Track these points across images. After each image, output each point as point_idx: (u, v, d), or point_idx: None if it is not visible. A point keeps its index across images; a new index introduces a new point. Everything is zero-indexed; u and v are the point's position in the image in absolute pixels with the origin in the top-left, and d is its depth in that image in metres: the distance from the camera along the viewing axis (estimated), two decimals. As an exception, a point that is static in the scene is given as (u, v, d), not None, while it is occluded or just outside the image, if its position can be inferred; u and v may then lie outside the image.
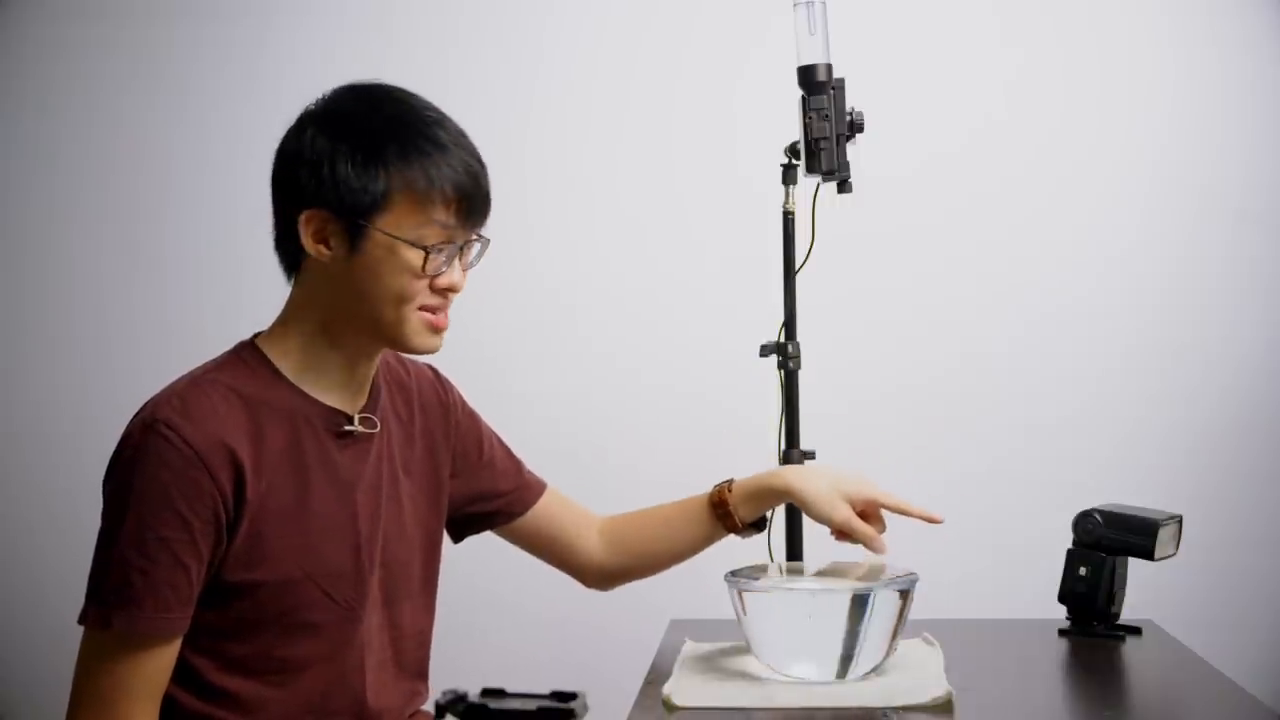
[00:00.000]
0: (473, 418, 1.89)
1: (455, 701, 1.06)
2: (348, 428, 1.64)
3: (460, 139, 1.61)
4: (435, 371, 1.88)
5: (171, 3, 2.91)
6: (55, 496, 2.86)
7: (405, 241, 1.56)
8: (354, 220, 1.56)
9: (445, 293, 1.62)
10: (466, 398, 1.91)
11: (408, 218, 1.57)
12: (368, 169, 1.56)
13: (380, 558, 1.68)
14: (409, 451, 1.76)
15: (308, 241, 1.59)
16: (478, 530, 1.92)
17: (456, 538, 1.89)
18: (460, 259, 1.63)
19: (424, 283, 1.59)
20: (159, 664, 1.53)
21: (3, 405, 2.93)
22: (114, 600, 1.50)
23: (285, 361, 1.63)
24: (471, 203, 1.59)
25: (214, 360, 1.64)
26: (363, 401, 1.68)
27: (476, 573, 2.77)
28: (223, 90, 2.89)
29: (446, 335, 1.65)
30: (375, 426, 1.68)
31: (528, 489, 1.93)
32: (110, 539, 1.52)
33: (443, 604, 1.91)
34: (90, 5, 2.91)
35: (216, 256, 2.88)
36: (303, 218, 1.59)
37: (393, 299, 1.59)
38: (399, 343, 1.62)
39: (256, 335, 1.66)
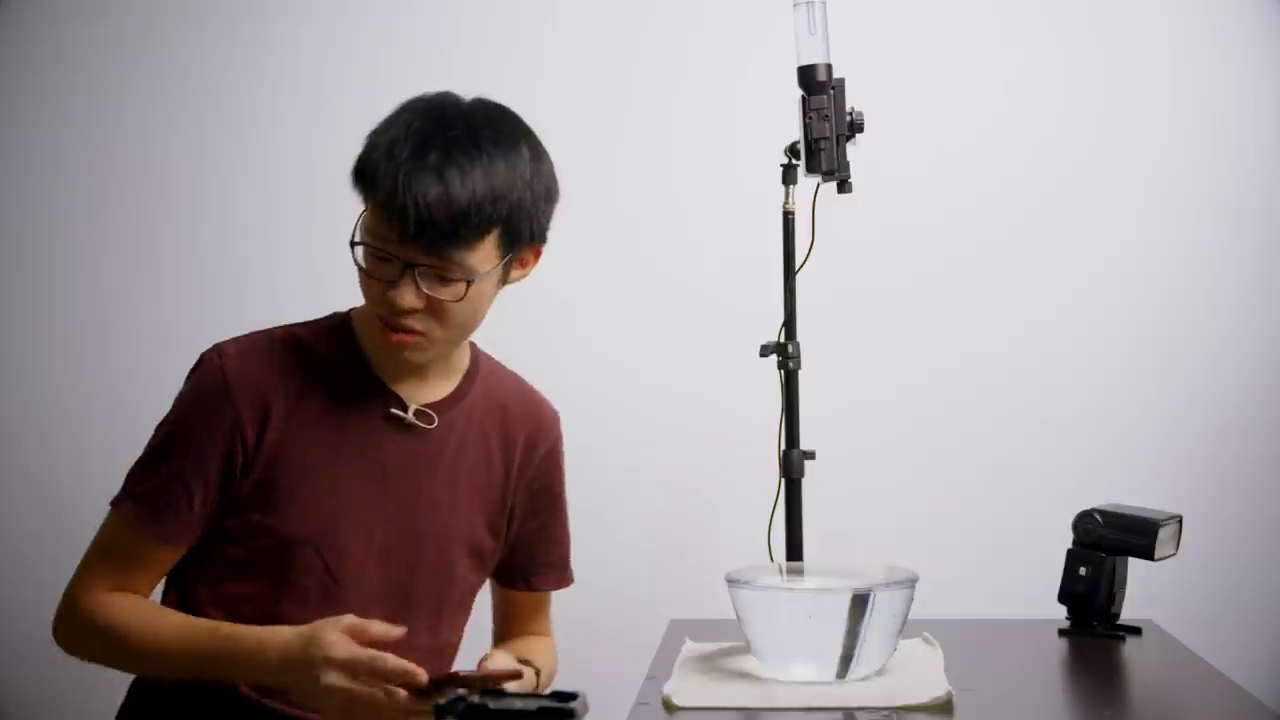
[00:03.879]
0: (556, 483, 1.87)
1: (455, 701, 1.06)
2: (395, 411, 1.65)
3: (451, 169, 1.53)
4: (554, 418, 1.86)
5: (171, 3, 2.91)
6: (55, 497, 2.86)
7: (353, 235, 1.60)
8: (363, 200, 1.61)
9: (390, 307, 1.56)
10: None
11: (369, 209, 1.59)
12: (365, 155, 1.59)
13: (403, 555, 1.68)
14: (485, 471, 1.75)
15: None
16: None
17: None
18: (422, 283, 1.56)
19: (376, 284, 1.58)
20: (155, 558, 1.63)
21: (2, 405, 2.92)
22: (127, 491, 1.63)
23: (366, 337, 1.67)
24: (406, 224, 1.51)
25: (304, 322, 1.70)
26: (437, 397, 1.69)
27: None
28: (223, 90, 2.89)
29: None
30: (432, 422, 1.68)
31: (551, 578, 1.92)
32: (153, 437, 1.65)
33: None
34: (90, 5, 2.91)
35: (216, 256, 2.88)
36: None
37: (361, 287, 1.62)
38: (375, 339, 1.65)
39: (354, 308, 1.70)
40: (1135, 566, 1.99)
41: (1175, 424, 2.79)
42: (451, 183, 1.53)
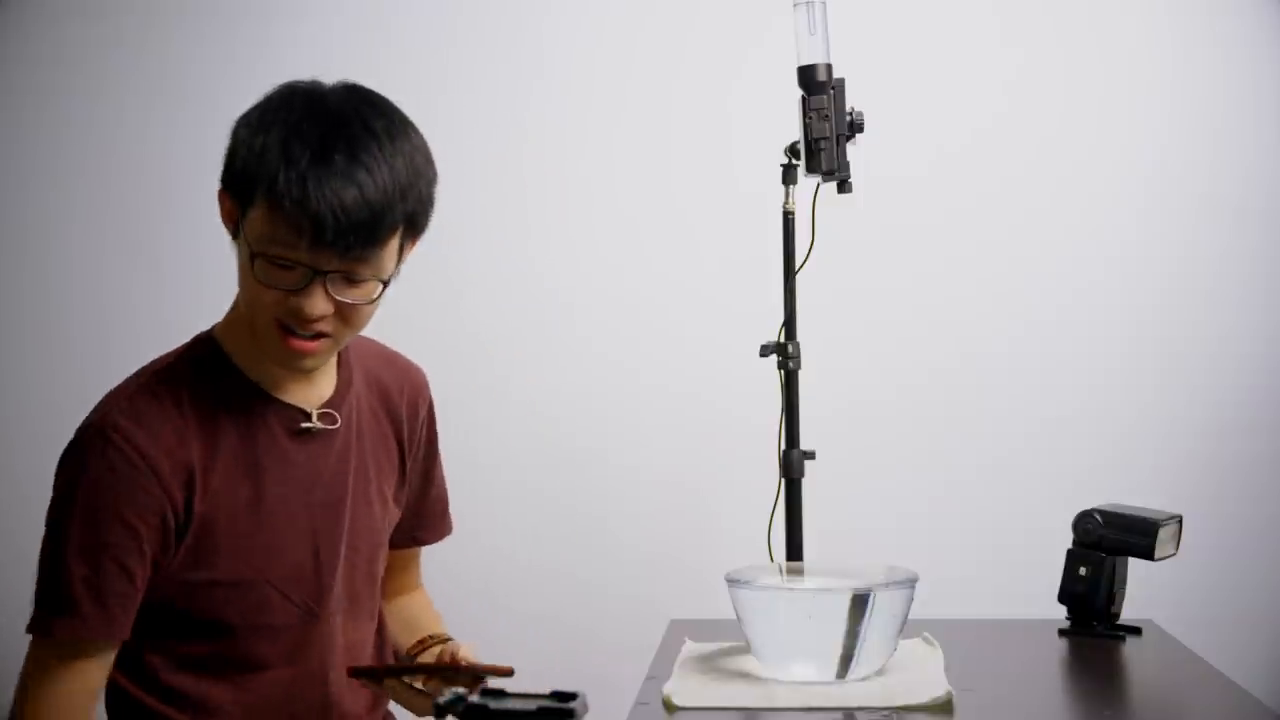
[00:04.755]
0: (434, 439, 1.82)
1: (455, 701, 1.06)
2: (305, 425, 1.60)
3: (356, 169, 1.45)
4: (424, 378, 1.80)
5: (171, 3, 2.91)
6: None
7: (250, 243, 1.50)
8: (241, 207, 1.52)
9: (297, 313, 1.49)
10: (466, 397, 1.90)
11: (258, 222, 1.49)
12: (246, 154, 1.51)
13: (344, 555, 1.64)
14: (382, 447, 1.71)
15: (222, 218, 1.58)
16: None
17: None
18: (333, 288, 1.49)
19: (271, 294, 1.49)
20: (101, 668, 1.53)
21: (2, 405, 2.92)
22: (59, 608, 1.50)
23: (238, 352, 1.59)
24: (321, 231, 1.44)
25: (170, 355, 1.61)
26: (326, 394, 1.63)
27: (474, 572, 2.78)
28: (223, 90, 2.87)
29: (445, 332, 1.62)
30: (335, 422, 1.62)
31: (437, 529, 1.86)
32: (56, 545, 1.52)
33: (441, 604, 1.91)
34: (90, 5, 2.91)
35: (216, 256, 2.86)
36: (218, 193, 1.57)
37: (246, 299, 1.55)
38: (264, 349, 1.55)
39: (216, 325, 1.64)
40: (1135, 566, 1.99)
41: (1175, 424, 2.79)
42: (365, 184, 1.45)
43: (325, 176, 1.44)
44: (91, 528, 1.50)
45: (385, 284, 1.52)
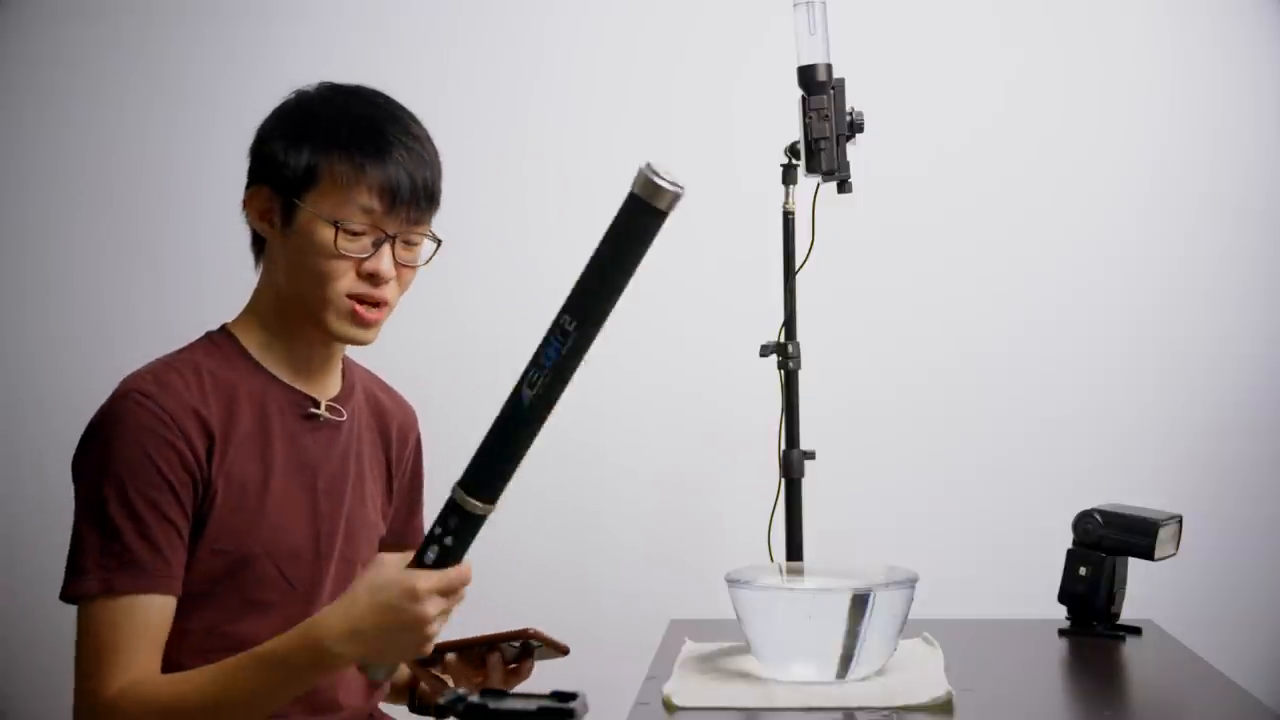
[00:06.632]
0: (419, 473, 1.88)
1: (455, 701, 1.06)
2: (313, 411, 1.68)
3: (410, 140, 1.62)
4: (415, 414, 1.88)
5: (171, 3, 2.91)
6: (56, 498, 2.85)
7: (322, 218, 1.59)
8: (288, 197, 1.61)
9: (371, 279, 1.61)
10: (467, 397, 1.91)
11: (330, 195, 1.59)
12: (297, 145, 1.61)
13: (340, 549, 1.69)
14: (375, 460, 1.78)
15: (252, 218, 1.66)
16: None
17: None
18: (395, 251, 1.62)
19: (345, 265, 1.60)
20: (162, 618, 1.54)
21: (2, 405, 2.92)
22: (114, 564, 1.52)
23: (253, 345, 1.67)
24: (398, 193, 1.60)
25: (186, 345, 1.68)
26: (333, 393, 1.72)
27: (475, 572, 2.77)
28: (223, 90, 2.89)
29: (445, 331, 1.63)
30: (342, 416, 1.71)
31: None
32: (96, 508, 1.54)
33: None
34: (90, 5, 2.91)
35: (217, 256, 2.88)
36: (247, 195, 1.66)
37: (315, 278, 1.61)
38: (324, 327, 1.63)
39: (227, 323, 1.71)
40: (1135, 566, 1.99)
41: (1175, 424, 2.79)
42: (420, 153, 1.63)
43: (392, 148, 1.60)
44: (131, 485, 1.54)
45: (439, 243, 1.67)
